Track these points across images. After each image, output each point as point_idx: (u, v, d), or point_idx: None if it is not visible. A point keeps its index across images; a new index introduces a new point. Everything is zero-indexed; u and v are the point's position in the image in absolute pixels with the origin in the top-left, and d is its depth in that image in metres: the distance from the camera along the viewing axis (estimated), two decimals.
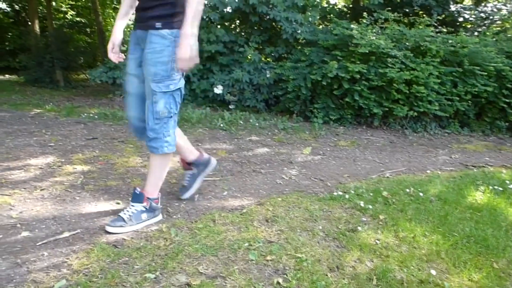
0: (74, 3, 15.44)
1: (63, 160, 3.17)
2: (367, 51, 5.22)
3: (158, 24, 1.90)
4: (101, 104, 6.38)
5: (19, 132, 4.09)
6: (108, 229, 1.97)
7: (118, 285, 1.54)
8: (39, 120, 4.89)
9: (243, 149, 3.90)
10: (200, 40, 6.55)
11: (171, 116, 2.01)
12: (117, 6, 16.00)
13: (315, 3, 7.17)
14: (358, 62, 5.27)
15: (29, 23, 13.96)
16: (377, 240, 2.09)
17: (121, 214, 2.04)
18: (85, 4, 14.95)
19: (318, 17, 6.98)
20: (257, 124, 5.10)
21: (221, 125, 4.86)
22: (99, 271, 1.63)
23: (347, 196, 2.68)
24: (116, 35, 2.13)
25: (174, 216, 2.22)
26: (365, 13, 6.36)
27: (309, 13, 6.71)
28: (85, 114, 5.31)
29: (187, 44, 1.85)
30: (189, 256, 1.78)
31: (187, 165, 2.50)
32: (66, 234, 1.95)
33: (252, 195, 2.64)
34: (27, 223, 2.05)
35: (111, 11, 15.69)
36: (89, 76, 7.48)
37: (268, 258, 1.83)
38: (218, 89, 6.03)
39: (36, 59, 9.86)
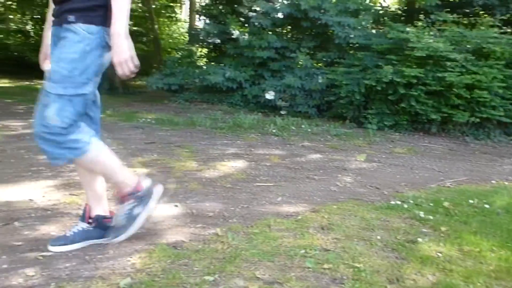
0: (131, 13, 16.23)
1: (124, 163, 3.30)
2: (424, 55, 5.04)
3: (71, 18, 1.62)
4: (157, 110, 6.63)
5: None
6: (114, 240, 1.87)
7: (179, 285, 1.59)
8: (101, 125, 5.16)
9: (296, 155, 3.89)
10: (252, 47, 6.64)
11: (65, 127, 1.62)
12: (172, 15, 16.65)
13: (368, 6, 7.04)
14: (415, 66, 5.09)
15: None
16: (439, 252, 1.99)
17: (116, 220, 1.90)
18: (142, 14, 15.69)
19: (371, 21, 6.84)
20: (309, 130, 5.08)
21: (273, 130, 4.89)
22: (161, 271, 1.68)
23: (405, 205, 2.59)
24: (46, 45, 1.85)
25: (230, 220, 2.25)
26: (421, 15, 6.14)
27: (362, 17, 6.59)
28: (143, 119, 5.54)
29: (121, 44, 1.58)
30: (246, 261, 1.80)
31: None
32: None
33: (307, 201, 2.62)
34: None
35: (166, 19, 16.32)
36: (146, 82, 7.83)
37: (325, 266, 1.80)
38: (270, 95, 6.07)
39: None
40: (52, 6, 1.78)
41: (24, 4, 17.62)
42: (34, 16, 18.00)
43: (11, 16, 18.76)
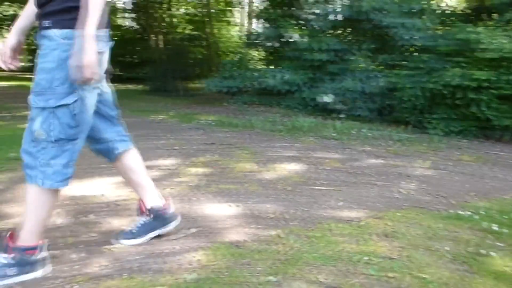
0: (191, 18, 16.78)
1: (187, 162, 3.45)
2: (497, 57, 4.72)
3: (46, 23, 1.52)
4: (216, 112, 6.80)
5: (148, 136, 4.57)
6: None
7: (242, 284, 1.62)
8: (164, 126, 5.40)
9: (356, 159, 3.81)
10: (310, 49, 6.60)
11: (52, 141, 1.54)
12: (229, 19, 16.98)
13: (433, 6, 6.74)
14: (486, 69, 4.79)
15: (154, 37, 15.56)
16: None
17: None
18: (201, 19, 16.16)
19: (437, 22, 6.54)
20: (369, 134, 4.95)
21: (333, 134, 4.82)
22: (225, 269, 1.73)
23: (476, 216, 2.45)
24: (9, 38, 1.70)
25: (291, 223, 2.26)
26: (493, 13, 5.77)
27: (426, 17, 6.32)
28: (203, 121, 5.71)
29: (91, 47, 1.45)
30: (308, 264, 1.79)
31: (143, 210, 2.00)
32: (193, 230, 2.11)
33: (369, 207, 2.56)
34: None
35: (223, 23, 16.67)
36: (205, 85, 8.06)
37: (390, 275, 1.75)
38: (329, 98, 6.00)
39: (160, 70, 10.94)
40: (31, 5, 1.67)
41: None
42: None
43: None
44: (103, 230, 2.10)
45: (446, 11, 7.66)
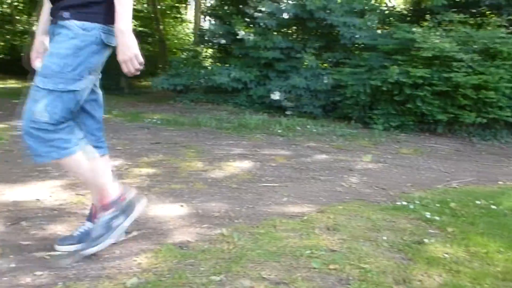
0: (137, 14, 16.30)
1: (130, 163, 3.35)
2: (431, 55, 5.02)
3: (65, 14, 1.60)
4: (163, 110, 6.66)
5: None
6: (87, 252, 1.76)
7: (185, 285, 1.59)
8: (107, 125, 5.17)
9: (301, 155, 3.89)
10: (258, 47, 6.64)
11: (53, 124, 1.59)
12: (177, 16, 16.68)
13: (374, 7, 7.02)
14: (421, 67, 5.07)
15: None
16: (446, 253, 1.98)
17: (91, 231, 1.82)
18: (147, 15, 15.74)
19: (377, 21, 6.82)
20: (314, 130, 5.07)
21: (279, 131, 4.89)
22: (167, 271, 1.69)
23: (411, 206, 2.58)
24: (38, 43, 1.81)
25: (236, 221, 2.25)
26: (427, 15, 6.12)
27: (368, 17, 6.57)
28: (149, 120, 5.57)
29: (126, 42, 1.57)
30: (252, 261, 1.80)
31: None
32: (135, 233, 2.04)
33: (312, 202, 2.62)
34: None
35: (171, 20, 16.35)
36: (151, 83, 7.86)
37: (331, 267, 1.80)
38: (275, 95, 6.07)
39: (103, 67, 10.51)
40: (47, 4, 1.75)
41: (30, 5, 17.75)
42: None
43: (17, 17, 18.91)
44: (37, 237, 1.98)
45: (386, 12, 8.02)
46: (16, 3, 18.90)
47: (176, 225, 2.17)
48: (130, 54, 1.58)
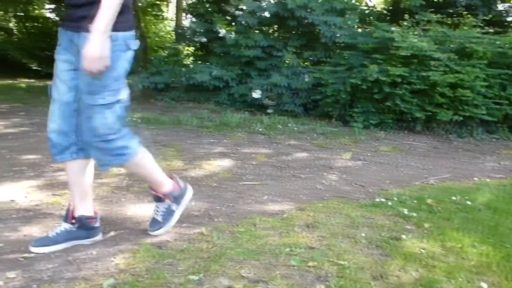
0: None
1: None
2: (409, 54, 5.09)
3: (89, 26, 1.60)
4: (143, 109, 6.56)
5: None
6: (153, 233, 2.00)
7: (163, 285, 1.58)
8: None
9: (282, 153, 3.90)
10: (239, 45, 6.63)
11: (115, 132, 1.73)
12: (158, 13, 16.49)
13: (354, 6, 7.09)
14: (400, 66, 5.15)
15: None
16: (422, 249, 2.02)
17: (155, 216, 2.03)
18: None
19: (357, 20, 6.89)
20: (295, 128, 5.09)
21: (260, 129, 4.89)
22: (145, 271, 1.67)
23: (389, 203, 2.62)
24: None
25: (216, 220, 2.25)
26: (406, 15, 6.21)
27: (348, 16, 6.63)
28: (128, 118, 5.47)
29: (97, 41, 1.55)
30: (231, 260, 1.80)
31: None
32: (112, 234, 2.02)
33: (292, 200, 2.63)
34: None
35: (152, 18, 16.17)
36: (131, 81, 7.75)
37: (310, 264, 1.81)
38: (257, 94, 6.08)
39: None
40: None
41: (7, 1, 17.25)
42: (18, 14, 17.66)
43: None
44: (11, 239, 1.93)
45: (366, 11, 8.10)
46: None
47: None
48: (97, 54, 1.57)
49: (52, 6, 16.83)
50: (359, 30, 7.18)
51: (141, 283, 1.58)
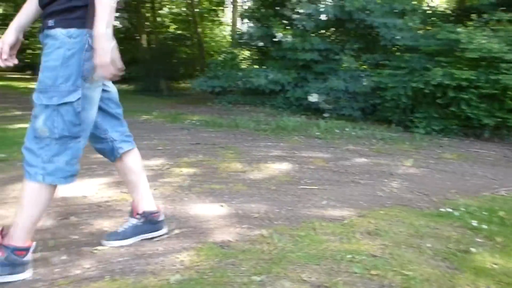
0: (175, 17, 16.69)
1: (171, 163, 3.43)
2: (477, 56, 4.81)
3: (50, 22, 1.53)
4: (201, 112, 6.78)
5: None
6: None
7: (226, 284, 1.61)
8: (147, 126, 5.35)
9: (340, 158, 3.84)
10: (295, 49, 6.63)
11: (56, 138, 1.54)
12: (215, 19, 16.91)
13: (415, 7, 6.84)
14: (466, 69, 4.88)
15: (137, 37, 15.41)
16: (495, 264, 1.90)
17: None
18: (185, 18, 16.06)
19: (418, 22, 6.63)
20: (353, 133, 5.00)
21: (317, 133, 4.85)
22: (209, 269, 1.72)
23: (456, 213, 2.49)
24: (7, 35, 1.67)
25: (275, 222, 2.26)
26: (472, 14, 5.88)
27: (409, 18, 6.40)
28: (188, 121, 5.68)
29: (103, 47, 1.47)
30: (292, 263, 1.80)
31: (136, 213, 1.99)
32: (176, 231, 2.09)
33: (352, 206, 2.58)
34: None
35: (209, 23, 16.60)
36: (190, 85, 8.01)
37: (373, 272, 1.77)
38: (313, 97, 6.04)
39: (144, 70, 10.83)
40: (31, 2, 1.67)
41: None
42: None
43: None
44: (85, 232, 2.07)
45: (428, 12, 7.78)
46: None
47: (216, 225, 2.20)
48: (107, 59, 1.47)
49: (116, 14, 17.78)
50: (421, 31, 6.90)
51: (205, 281, 1.63)
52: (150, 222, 1.98)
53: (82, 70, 1.55)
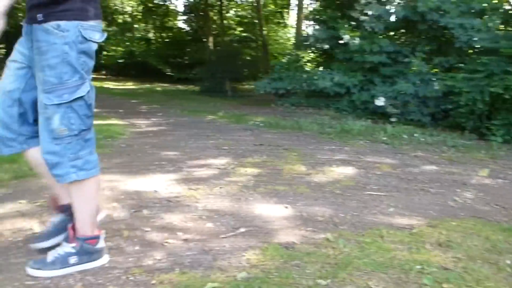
0: (241, 20, 17.04)
1: (236, 162, 3.51)
2: None
3: (39, 16, 1.49)
4: (265, 113, 6.85)
5: (198, 135, 4.69)
6: (28, 271, 1.64)
7: (292, 285, 1.62)
8: (213, 126, 5.51)
9: (408, 165, 3.69)
10: (362, 51, 6.47)
11: (76, 134, 1.56)
12: (280, 21, 17.01)
13: (496, 6, 6.38)
14: None
15: (204, 39, 15.95)
16: None
17: (49, 254, 1.68)
18: (251, 20, 16.32)
19: (499, 22, 6.18)
20: (422, 139, 4.78)
21: (383, 138, 4.70)
22: (274, 269, 1.74)
23: None
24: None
25: (340, 227, 2.23)
26: None
27: (488, 18, 5.99)
28: (252, 122, 5.77)
29: None
30: (358, 269, 1.76)
31: (59, 207, 1.85)
32: (242, 230, 2.14)
33: (421, 215, 2.47)
34: (210, 216, 2.32)
35: (274, 25, 16.74)
36: (254, 86, 8.14)
37: (445, 286, 1.68)
38: (380, 101, 5.86)
39: (210, 71, 11.18)
40: None
41: (147, 14, 19.64)
42: (156, 25, 20.00)
43: (136, 26, 21.15)
44: (156, 225, 2.18)
45: (510, 11, 7.22)
46: (135, 13, 21.09)
47: (281, 226, 2.21)
48: None
49: (185, 17, 18.63)
50: (500, 32, 6.42)
51: (271, 280, 1.65)
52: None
53: (82, 63, 1.55)
